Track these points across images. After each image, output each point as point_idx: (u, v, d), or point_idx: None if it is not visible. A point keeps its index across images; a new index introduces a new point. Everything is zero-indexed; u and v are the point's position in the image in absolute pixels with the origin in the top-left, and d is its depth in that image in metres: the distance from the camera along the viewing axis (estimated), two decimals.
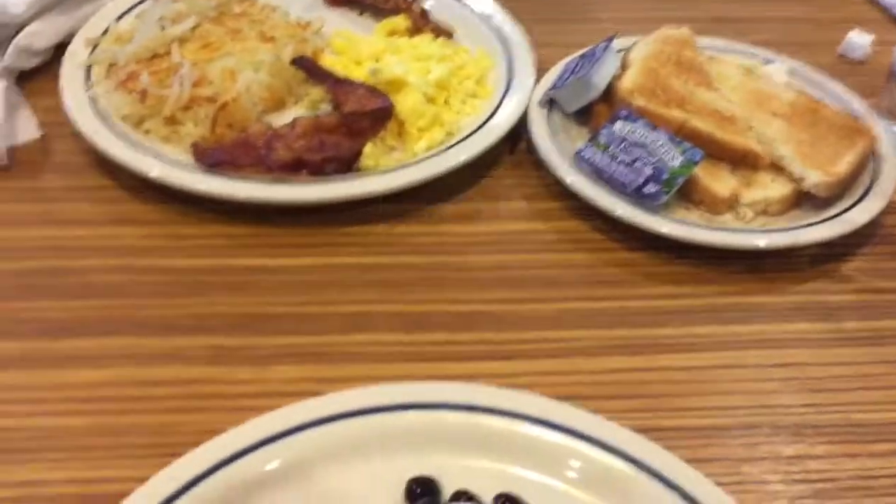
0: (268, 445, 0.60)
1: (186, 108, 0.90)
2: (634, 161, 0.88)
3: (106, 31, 1.02)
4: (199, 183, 0.84)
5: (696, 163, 0.87)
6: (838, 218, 0.87)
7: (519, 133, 0.97)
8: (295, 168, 0.85)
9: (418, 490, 0.58)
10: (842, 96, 1.03)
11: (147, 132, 0.90)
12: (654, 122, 0.91)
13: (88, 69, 0.97)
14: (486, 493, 0.59)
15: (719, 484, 0.60)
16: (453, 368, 0.73)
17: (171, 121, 0.90)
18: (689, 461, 0.62)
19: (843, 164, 0.90)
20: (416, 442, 0.62)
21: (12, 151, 0.90)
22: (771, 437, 0.69)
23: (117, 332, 0.74)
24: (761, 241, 0.85)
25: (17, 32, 1.00)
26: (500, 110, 0.97)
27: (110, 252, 0.82)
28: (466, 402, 0.62)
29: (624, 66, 1.01)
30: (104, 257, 0.81)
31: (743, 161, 0.92)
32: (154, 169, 0.85)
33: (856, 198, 0.90)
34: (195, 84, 0.91)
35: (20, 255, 0.81)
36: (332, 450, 0.60)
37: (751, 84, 1.01)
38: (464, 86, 1.01)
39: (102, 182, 0.89)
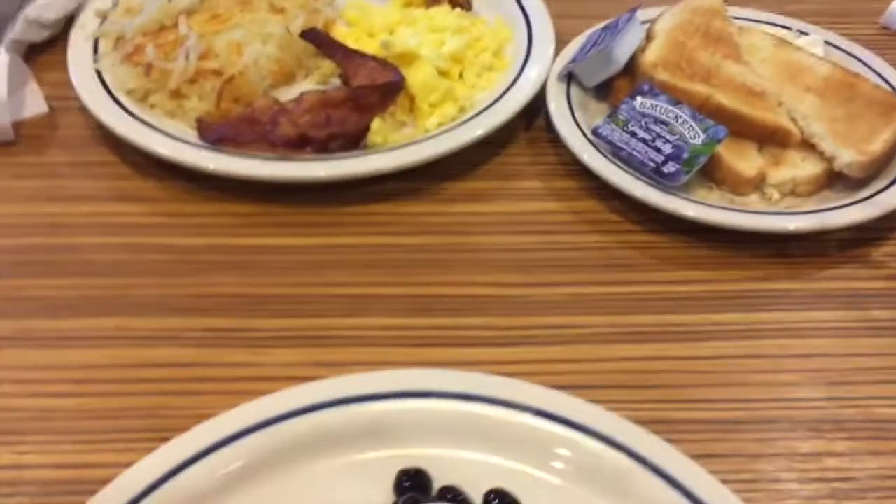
0: (257, 432, 0.59)
1: (192, 81, 0.88)
2: (654, 139, 0.84)
3: (116, 3, 1.00)
4: (203, 160, 0.82)
5: (719, 141, 0.84)
6: (870, 200, 0.82)
7: (536, 108, 0.93)
8: (299, 144, 0.83)
9: (407, 483, 0.56)
10: (882, 71, 0.98)
11: (152, 106, 0.89)
12: (678, 98, 0.87)
13: (96, 42, 0.96)
14: (476, 485, 0.57)
15: (729, 481, 0.58)
16: (458, 355, 0.71)
17: (177, 95, 0.88)
18: (699, 456, 0.59)
19: (879, 143, 0.86)
20: (404, 431, 0.60)
21: (18, 126, 0.90)
22: (787, 433, 0.66)
23: (115, 311, 0.73)
24: (788, 225, 0.81)
25: (27, 4, 0.99)
26: (516, 84, 0.93)
27: (112, 230, 0.81)
28: (456, 391, 0.60)
29: (648, 38, 0.97)
30: (105, 235, 0.80)
31: (771, 138, 0.88)
32: (158, 145, 0.84)
33: (891, 179, 0.85)
34: (201, 57, 0.89)
35: (21, 231, 0.80)
36: (321, 438, 0.59)
37: (783, 56, 0.96)
38: (480, 59, 0.98)
39: (107, 158, 0.88)
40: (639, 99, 0.88)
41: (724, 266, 0.80)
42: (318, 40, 0.94)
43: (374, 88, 0.86)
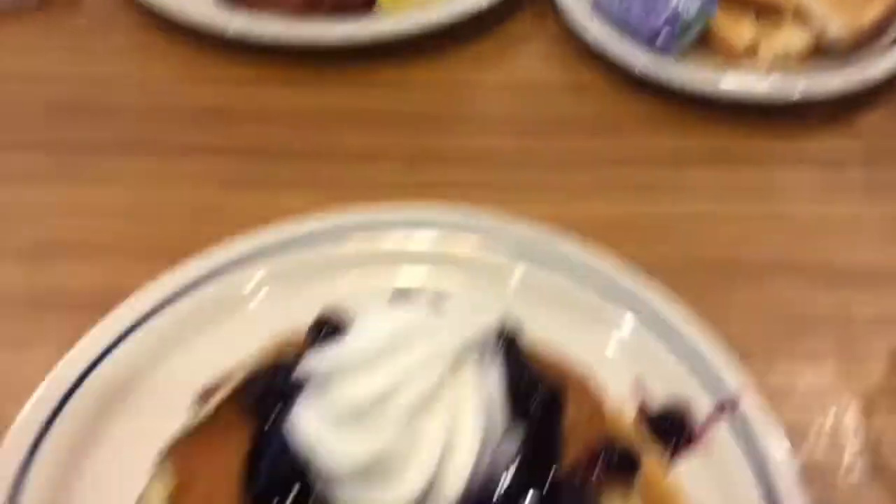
0: (277, 251, 0.67)
1: None
2: (649, 10, 0.88)
3: None
4: (223, 22, 0.88)
5: (712, 12, 0.87)
6: (856, 70, 0.86)
7: None
8: (312, 7, 0.88)
9: (399, 294, 0.63)
10: None
11: None
12: None
13: None
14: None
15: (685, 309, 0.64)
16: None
17: None
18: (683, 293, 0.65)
19: (870, 14, 0.89)
20: (399, 258, 0.67)
21: None
22: (749, 273, 0.72)
23: (137, 155, 0.80)
24: (774, 91, 0.85)
25: None
26: None
27: (135, 86, 0.87)
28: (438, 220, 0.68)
29: None
30: (129, 91, 0.87)
31: (766, 8, 0.91)
32: (175, 6, 0.89)
33: (879, 52, 0.89)
34: None
35: (53, 84, 0.87)
36: (319, 262, 0.66)
37: None
38: None
39: (132, 21, 0.93)
40: None
41: (711, 129, 0.85)
42: None
43: None
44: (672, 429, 0.60)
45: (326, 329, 0.54)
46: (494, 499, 0.46)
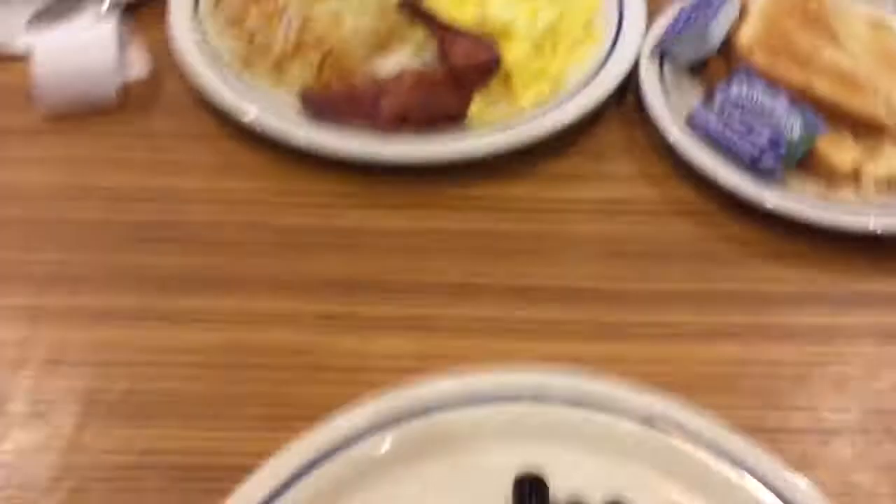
0: (380, 430, 0.58)
1: (293, 53, 0.84)
2: (750, 130, 0.80)
3: None
4: (306, 137, 0.80)
5: (817, 135, 0.79)
6: None
7: (627, 83, 0.89)
8: (401, 122, 0.80)
9: (527, 489, 0.55)
10: None
11: (255, 75, 0.85)
12: (775, 84, 0.82)
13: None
14: (593, 493, 0.56)
15: (825, 493, 0.57)
16: (558, 348, 0.69)
17: (278, 66, 0.85)
18: (795, 465, 0.58)
19: None
20: (522, 434, 0.59)
21: (121, 89, 0.86)
22: (883, 444, 0.65)
23: (228, 291, 0.72)
24: (879, 224, 0.77)
25: None
26: (609, 60, 0.89)
27: (220, 205, 0.78)
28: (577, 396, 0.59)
29: (742, 13, 0.91)
30: (214, 211, 0.78)
31: (866, 130, 0.83)
32: (259, 118, 0.81)
33: None
34: (300, 28, 0.85)
35: (129, 205, 0.78)
36: (443, 437, 0.58)
37: (879, 41, 0.90)
38: (571, 31, 0.92)
39: (211, 126, 0.84)
40: (735, 86, 0.83)
41: (816, 263, 0.77)
42: (415, 11, 0.88)
43: (472, 67, 0.82)
44: None
45: None
46: None
